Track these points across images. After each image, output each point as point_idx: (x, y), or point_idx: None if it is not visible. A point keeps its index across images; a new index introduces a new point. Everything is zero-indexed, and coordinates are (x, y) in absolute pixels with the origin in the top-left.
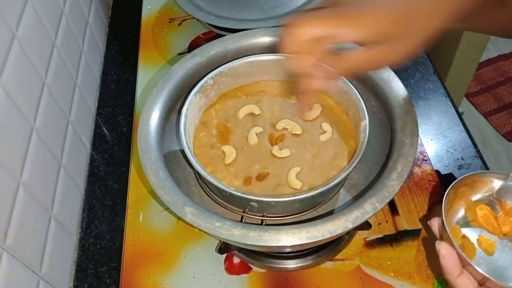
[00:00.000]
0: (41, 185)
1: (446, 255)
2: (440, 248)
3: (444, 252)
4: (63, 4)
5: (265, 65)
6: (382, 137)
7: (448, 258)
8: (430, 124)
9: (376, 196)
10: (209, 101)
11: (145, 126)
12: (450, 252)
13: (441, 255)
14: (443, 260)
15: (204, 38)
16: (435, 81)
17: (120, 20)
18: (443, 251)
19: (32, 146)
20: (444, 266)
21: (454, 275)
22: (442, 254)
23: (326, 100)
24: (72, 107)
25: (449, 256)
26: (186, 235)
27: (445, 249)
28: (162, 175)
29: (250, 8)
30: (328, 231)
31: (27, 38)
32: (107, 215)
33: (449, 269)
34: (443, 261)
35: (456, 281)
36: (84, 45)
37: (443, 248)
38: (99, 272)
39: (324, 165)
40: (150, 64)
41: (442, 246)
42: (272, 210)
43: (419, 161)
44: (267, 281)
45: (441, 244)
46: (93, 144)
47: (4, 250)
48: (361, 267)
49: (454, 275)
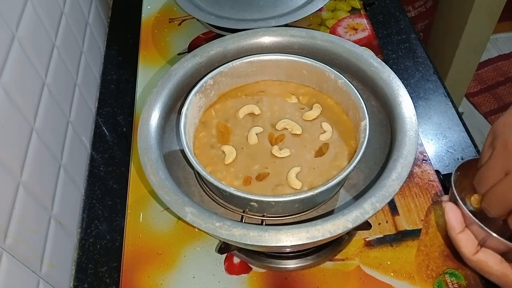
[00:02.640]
0: (41, 185)
1: (450, 211)
2: (445, 206)
3: (448, 209)
4: (63, 4)
5: (265, 65)
6: (382, 137)
7: (451, 213)
8: (430, 124)
9: (376, 196)
10: (209, 101)
11: (145, 126)
12: (454, 209)
13: (446, 212)
14: (447, 216)
15: (204, 38)
16: (435, 81)
17: (120, 20)
18: (448, 208)
19: (32, 146)
20: (448, 222)
21: (456, 230)
22: (447, 210)
23: (326, 100)
24: (72, 107)
25: (453, 212)
26: (186, 235)
27: (450, 206)
28: (162, 175)
29: (250, 8)
30: (328, 231)
31: (27, 38)
32: (107, 215)
33: (452, 224)
34: (447, 216)
35: (458, 236)
36: (84, 45)
37: (448, 205)
38: (99, 272)
39: (324, 165)
40: (150, 64)
41: (448, 204)
42: (272, 210)
43: (419, 161)
44: (267, 281)
45: (447, 203)
46: (93, 144)
47: (4, 250)
48: (361, 267)
49: (456, 231)
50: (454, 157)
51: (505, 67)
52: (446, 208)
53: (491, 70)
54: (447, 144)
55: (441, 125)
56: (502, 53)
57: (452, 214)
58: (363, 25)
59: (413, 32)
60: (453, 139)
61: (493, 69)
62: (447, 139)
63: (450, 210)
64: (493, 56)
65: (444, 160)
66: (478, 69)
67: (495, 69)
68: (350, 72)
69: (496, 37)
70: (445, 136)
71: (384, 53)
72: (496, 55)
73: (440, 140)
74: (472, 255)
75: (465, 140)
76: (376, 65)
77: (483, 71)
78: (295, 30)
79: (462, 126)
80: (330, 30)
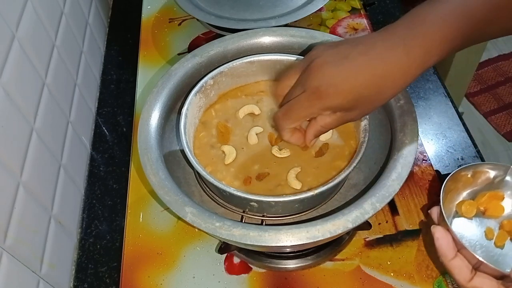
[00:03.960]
0: (41, 185)
1: (440, 238)
2: (435, 232)
3: (438, 235)
4: (63, 4)
5: (265, 65)
6: (382, 137)
7: (442, 240)
8: (430, 124)
9: (376, 196)
10: (209, 101)
11: (145, 126)
12: (444, 235)
13: (436, 238)
14: (437, 243)
15: (204, 38)
16: (435, 81)
17: (120, 20)
18: (437, 234)
19: (32, 146)
20: (439, 249)
21: (448, 258)
22: (437, 237)
23: None
24: (72, 107)
25: (443, 238)
26: (186, 235)
27: (440, 232)
28: (162, 175)
29: (250, 8)
30: (328, 231)
31: (27, 38)
32: (107, 215)
33: (443, 251)
34: (437, 243)
35: (451, 263)
36: (84, 45)
37: (438, 231)
38: (99, 272)
39: (324, 165)
40: (150, 64)
41: (437, 230)
42: (272, 210)
43: (419, 161)
44: (267, 281)
45: (436, 228)
46: (93, 144)
47: (4, 250)
48: (361, 267)
49: (448, 258)
50: (454, 157)
51: (505, 67)
52: (435, 234)
53: (491, 70)
54: (447, 144)
55: (441, 125)
56: (502, 53)
57: (443, 240)
58: (363, 25)
59: None
60: (453, 139)
61: (493, 69)
62: (447, 139)
63: (440, 236)
64: (493, 56)
65: (444, 160)
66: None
67: (495, 69)
68: None
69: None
70: (445, 136)
71: None
72: (496, 55)
73: (440, 140)
74: (467, 282)
75: (465, 140)
76: None
77: (483, 71)
78: (295, 30)
79: (462, 126)
80: (330, 30)
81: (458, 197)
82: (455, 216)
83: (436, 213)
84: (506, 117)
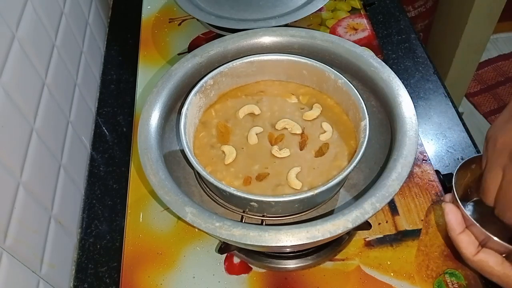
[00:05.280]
0: (41, 185)
1: (450, 213)
2: (445, 207)
3: (448, 210)
4: (63, 4)
5: (265, 65)
6: (382, 137)
7: (451, 215)
8: (430, 124)
9: (376, 196)
10: (209, 101)
11: (145, 126)
12: (454, 210)
13: (446, 213)
14: (447, 217)
15: (204, 38)
16: (435, 81)
17: (120, 20)
18: (447, 209)
19: (32, 146)
20: (448, 223)
21: (456, 232)
22: (447, 211)
23: (326, 100)
24: (72, 107)
25: (453, 213)
26: (186, 235)
27: (450, 207)
28: (162, 175)
29: (250, 8)
30: (328, 231)
31: (27, 38)
32: (107, 215)
33: (452, 225)
34: (447, 218)
35: (458, 237)
36: (84, 45)
37: (448, 206)
38: (99, 272)
39: (324, 165)
40: (150, 64)
41: (447, 205)
42: (272, 210)
43: (419, 161)
44: (267, 281)
45: (447, 204)
46: (93, 144)
47: (4, 250)
48: (361, 267)
49: (457, 232)
50: (454, 157)
51: (505, 67)
52: (446, 209)
53: (491, 70)
54: (447, 144)
55: (441, 125)
56: (502, 53)
57: (452, 215)
58: (363, 25)
59: (413, 32)
60: (453, 139)
61: (493, 69)
62: (447, 139)
63: (450, 211)
64: (493, 56)
65: (444, 160)
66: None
67: (495, 69)
68: (350, 72)
69: (496, 37)
70: (445, 136)
71: (384, 53)
72: (496, 55)
73: (440, 140)
74: (473, 255)
75: (465, 140)
76: (376, 65)
77: (483, 71)
78: (295, 30)
79: (462, 126)
80: (330, 30)
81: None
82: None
83: (449, 196)
84: None
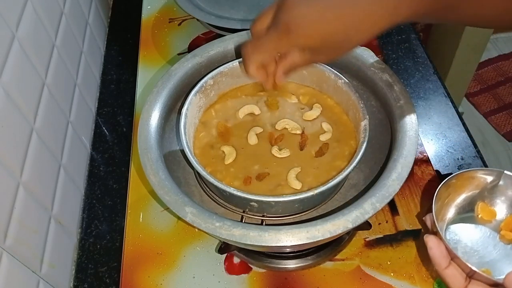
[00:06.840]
0: (41, 185)
1: (433, 247)
2: (427, 241)
3: (431, 244)
4: (63, 4)
5: None
6: (382, 137)
7: (435, 249)
8: (430, 124)
9: (376, 196)
10: (209, 101)
11: (145, 126)
12: (437, 244)
13: (429, 247)
14: (430, 252)
15: (204, 38)
16: (435, 81)
17: (120, 20)
18: (430, 243)
19: (32, 146)
20: (432, 258)
21: (442, 267)
22: (430, 246)
23: (326, 100)
24: (72, 107)
25: (436, 248)
26: (186, 235)
27: (433, 241)
28: (162, 175)
29: (250, 8)
30: (328, 231)
31: (27, 38)
32: (107, 215)
33: (437, 260)
34: (430, 252)
35: (444, 272)
36: (84, 45)
37: (430, 240)
38: (99, 272)
39: (324, 165)
40: (150, 64)
41: (430, 239)
42: (272, 210)
43: (419, 161)
44: (267, 281)
45: (429, 237)
46: (93, 144)
47: (4, 250)
48: (361, 267)
49: (442, 267)
50: (454, 157)
51: (505, 67)
52: (428, 243)
53: (491, 70)
54: (447, 144)
55: (441, 125)
56: (502, 53)
57: (436, 249)
58: None
59: (413, 32)
60: (453, 139)
61: (493, 69)
62: (447, 139)
63: (433, 246)
64: (493, 56)
65: (444, 160)
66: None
67: (495, 69)
68: (350, 72)
69: (496, 37)
70: (445, 136)
71: (384, 53)
72: (496, 55)
73: (440, 140)
74: None
75: (465, 140)
76: (376, 65)
77: (483, 71)
78: None
79: (462, 126)
80: None
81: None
82: (449, 223)
83: (430, 220)
84: (506, 117)
